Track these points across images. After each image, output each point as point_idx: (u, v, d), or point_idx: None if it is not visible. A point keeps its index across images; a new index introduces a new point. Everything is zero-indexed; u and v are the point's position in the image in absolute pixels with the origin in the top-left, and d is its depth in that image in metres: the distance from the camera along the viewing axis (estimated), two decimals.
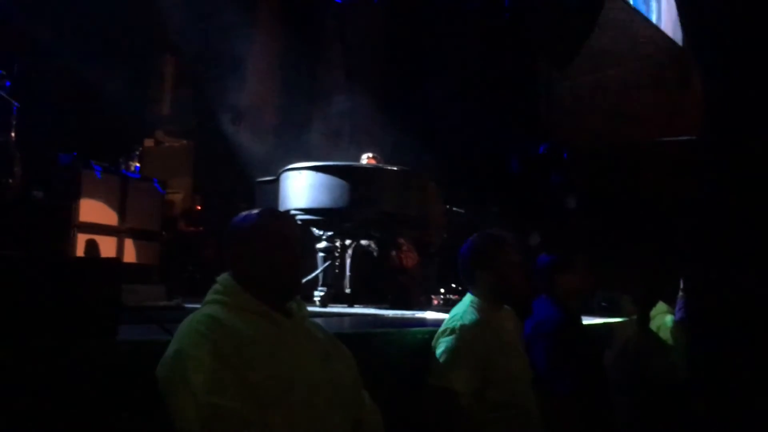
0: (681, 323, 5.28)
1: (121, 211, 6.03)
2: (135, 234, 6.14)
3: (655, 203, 7.84)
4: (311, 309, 2.01)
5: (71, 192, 5.64)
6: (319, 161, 4.85)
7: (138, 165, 6.40)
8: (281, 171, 4.94)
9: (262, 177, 5.38)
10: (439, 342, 2.50)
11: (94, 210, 5.79)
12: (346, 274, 5.17)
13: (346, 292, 5.12)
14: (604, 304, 5.31)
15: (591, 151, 8.34)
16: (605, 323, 4.69)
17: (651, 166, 8.23)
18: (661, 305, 5.65)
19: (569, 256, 3.14)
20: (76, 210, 5.64)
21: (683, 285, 5.22)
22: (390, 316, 4.21)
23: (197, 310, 1.83)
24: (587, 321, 3.55)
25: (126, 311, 1.85)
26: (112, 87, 6.22)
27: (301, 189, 4.71)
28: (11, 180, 4.89)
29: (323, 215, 4.75)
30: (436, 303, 5.66)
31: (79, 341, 1.67)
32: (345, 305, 4.91)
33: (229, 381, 1.67)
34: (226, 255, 1.93)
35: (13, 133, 4.88)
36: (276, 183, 4.99)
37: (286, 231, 1.95)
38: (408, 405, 2.40)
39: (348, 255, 5.19)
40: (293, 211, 4.68)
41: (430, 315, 4.28)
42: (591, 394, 2.89)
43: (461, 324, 2.50)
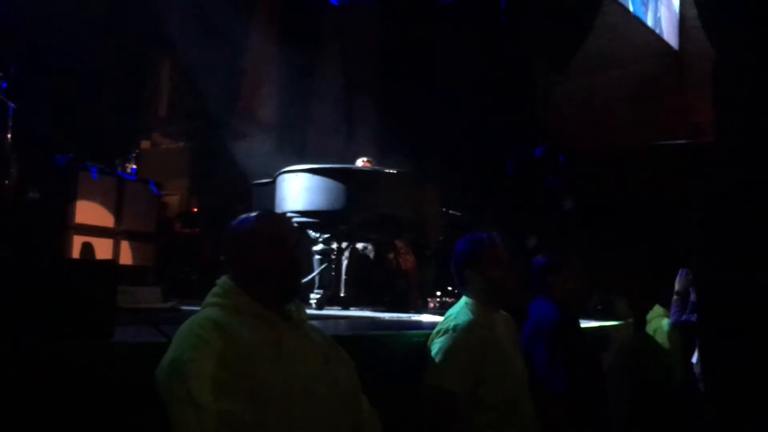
0: (676, 326, 5.32)
1: (117, 213, 6.03)
2: (131, 236, 6.13)
3: (651, 206, 7.88)
4: (307, 311, 2.00)
5: (67, 193, 5.63)
6: (316, 164, 4.85)
7: (134, 167, 6.40)
8: (278, 173, 4.93)
9: (258, 179, 5.37)
10: (434, 342, 2.52)
11: (90, 212, 5.79)
12: (342, 276, 5.16)
13: (342, 294, 5.11)
14: (599, 307, 5.32)
15: (587, 155, 8.36)
16: (601, 326, 4.69)
17: (647, 169, 8.26)
18: (658, 308, 5.68)
19: (562, 257, 3.16)
20: (72, 211, 5.64)
21: (677, 288, 5.25)
22: (387, 318, 4.21)
23: (196, 313, 1.82)
24: (583, 324, 3.56)
25: (121, 313, 1.85)
26: (108, 89, 6.22)
27: (298, 191, 4.71)
28: (7, 181, 4.88)
29: (320, 218, 4.74)
30: (432, 306, 5.65)
31: (75, 343, 1.66)
32: (341, 308, 4.90)
33: (229, 384, 1.66)
34: (225, 258, 1.93)
35: (9, 135, 4.87)
36: (272, 185, 4.99)
37: (284, 234, 1.95)
38: (404, 408, 2.40)
39: (344, 257, 5.19)
40: (290, 214, 4.68)
41: (426, 318, 4.27)
42: (589, 394, 2.91)
43: (455, 324, 2.52)
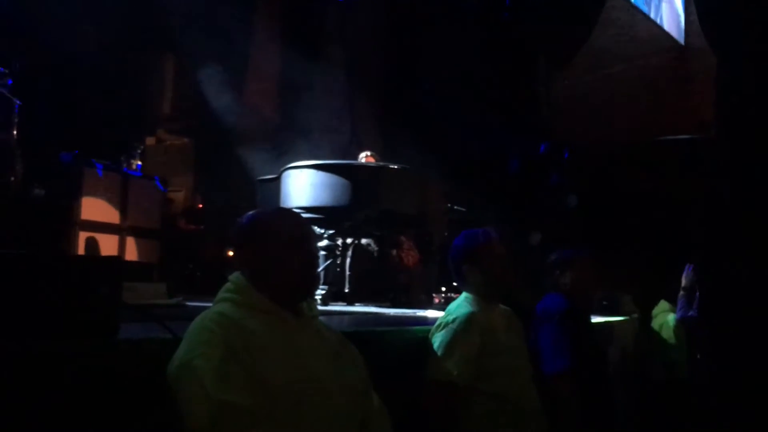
0: (682, 322, 5.30)
1: (123, 209, 6.04)
2: (136, 232, 6.14)
3: (656, 202, 7.85)
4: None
5: (72, 190, 5.65)
6: (320, 160, 4.84)
7: (139, 163, 6.41)
8: (282, 169, 4.93)
9: (263, 175, 5.38)
10: (434, 336, 2.56)
11: (95, 208, 5.80)
12: (346, 272, 5.17)
13: (346, 290, 5.11)
14: (604, 302, 5.32)
15: (591, 151, 8.34)
16: (606, 322, 4.69)
17: (651, 165, 8.23)
18: (664, 303, 5.67)
19: (573, 254, 3.22)
20: (77, 208, 5.65)
21: (684, 283, 5.24)
22: (391, 314, 4.21)
23: (208, 308, 1.82)
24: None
25: (126, 309, 1.85)
26: (113, 85, 6.23)
27: (302, 187, 4.71)
28: (12, 178, 4.89)
29: (324, 214, 4.74)
30: (437, 301, 5.65)
31: (80, 340, 1.66)
32: (346, 303, 4.91)
33: (240, 378, 1.66)
34: (237, 254, 1.91)
35: (15, 131, 4.88)
36: (277, 181, 4.99)
37: (300, 230, 1.93)
38: (409, 403, 2.40)
39: (349, 253, 5.19)
40: (294, 210, 4.68)
41: (430, 313, 4.27)
42: (592, 377, 2.96)
43: (454, 317, 2.56)
